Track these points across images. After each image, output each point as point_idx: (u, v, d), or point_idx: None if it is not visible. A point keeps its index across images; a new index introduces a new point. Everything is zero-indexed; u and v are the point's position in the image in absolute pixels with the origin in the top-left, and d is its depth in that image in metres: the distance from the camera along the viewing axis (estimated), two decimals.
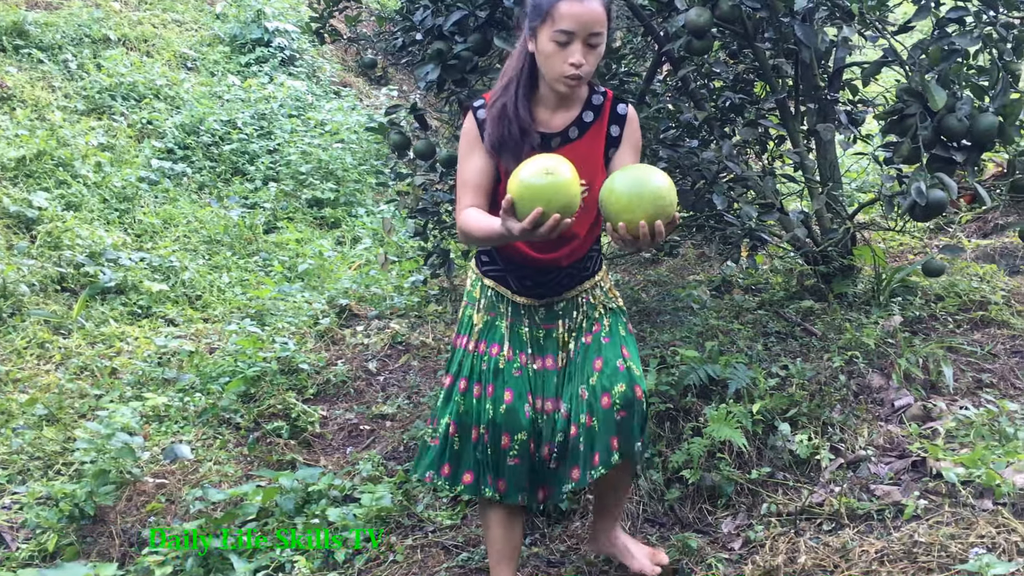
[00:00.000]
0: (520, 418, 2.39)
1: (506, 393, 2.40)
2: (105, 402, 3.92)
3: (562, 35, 2.16)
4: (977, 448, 2.82)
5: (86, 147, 6.50)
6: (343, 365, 4.51)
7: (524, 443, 2.39)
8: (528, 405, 2.40)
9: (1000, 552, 2.30)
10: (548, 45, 2.19)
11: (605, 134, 2.41)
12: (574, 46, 2.18)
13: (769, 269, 5.18)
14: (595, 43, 2.20)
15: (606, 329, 2.46)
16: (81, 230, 5.53)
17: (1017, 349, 3.77)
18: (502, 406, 2.39)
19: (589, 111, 2.40)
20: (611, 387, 2.32)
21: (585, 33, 2.17)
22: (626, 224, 1.99)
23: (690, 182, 4.02)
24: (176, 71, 8.28)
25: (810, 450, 3.12)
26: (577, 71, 2.20)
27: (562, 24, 2.15)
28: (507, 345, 2.45)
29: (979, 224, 5.61)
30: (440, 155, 4.15)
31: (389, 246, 6.40)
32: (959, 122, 3.02)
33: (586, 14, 2.16)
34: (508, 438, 2.39)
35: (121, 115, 7.32)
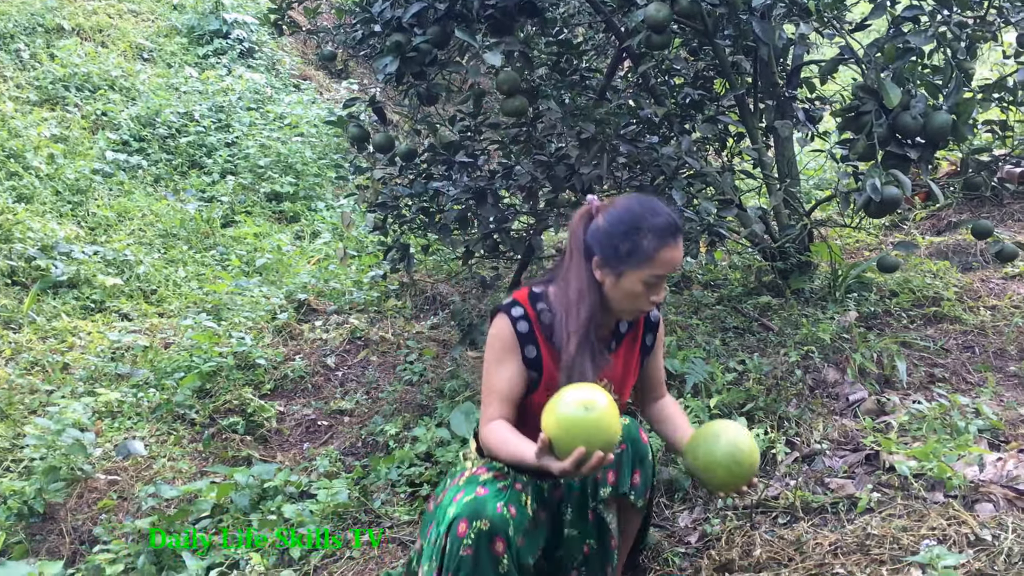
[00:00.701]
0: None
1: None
2: (56, 398, 3.84)
3: (655, 279, 2.10)
4: (929, 441, 2.86)
5: (38, 138, 6.37)
6: (301, 360, 4.46)
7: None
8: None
9: (951, 544, 2.34)
10: (638, 286, 2.10)
11: (640, 344, 2.37)
12: (661, 285, 2.14)
13: (728, 265, 5.21)
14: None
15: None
16: (32, 223, 5.41)
17: (969, 344, 3.83)
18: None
19: (624, 321, 2.34)
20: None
21: (671, 272, 2.14)
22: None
23: (650, 178, 4.04)
24: (132, 62, 8.14)
25: (766, 444, 3.15)
26: (655, 307, 2.17)
27: (661, 269, 2.09)
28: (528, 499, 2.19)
29: (933, 222, 5.70)
30: (399, 149, 4.12)
31: (348, 240, 6.35)
32: (913, 120, 3.05)
33: (679, 256, 2.12)
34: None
35: (75, 106, 7.18)
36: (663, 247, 2.07)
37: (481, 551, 1.96)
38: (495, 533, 1.97)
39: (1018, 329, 3.86)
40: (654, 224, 2.08)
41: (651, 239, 2.07)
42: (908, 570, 2.25)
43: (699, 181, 3.94)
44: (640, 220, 2.09)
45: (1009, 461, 2.71)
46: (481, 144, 4.30)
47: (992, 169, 3.97)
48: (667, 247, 2.07)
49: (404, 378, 4.24)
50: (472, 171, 4.24)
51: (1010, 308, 4.12)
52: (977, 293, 4.36)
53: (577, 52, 4.35)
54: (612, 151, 3.78)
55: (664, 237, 2.07)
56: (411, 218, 4.55)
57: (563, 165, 3.93)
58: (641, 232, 2.08)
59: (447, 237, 4.25)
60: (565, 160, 3.93)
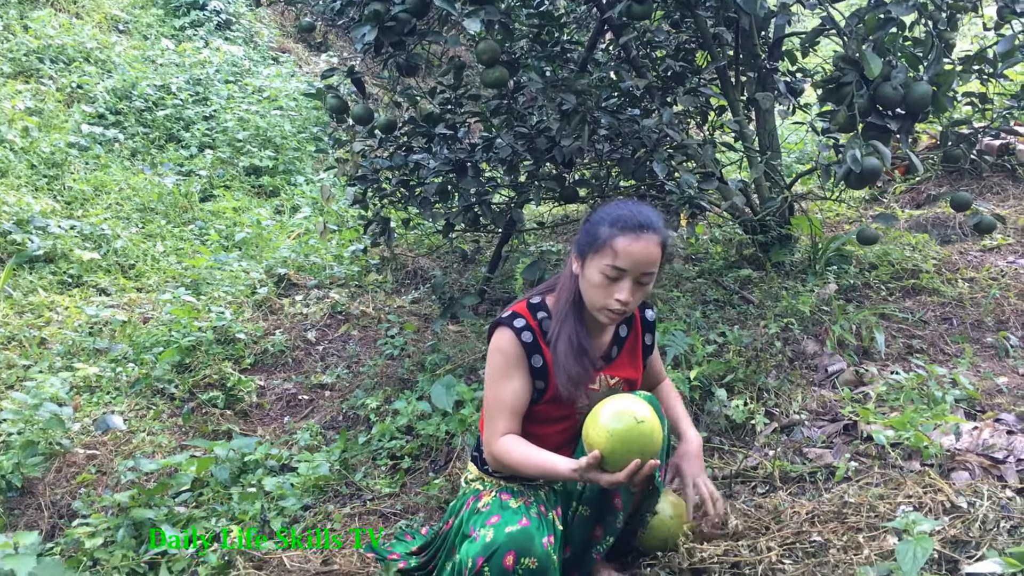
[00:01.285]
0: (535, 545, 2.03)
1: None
2: (33, 372, 3.80)
3: (613, 270, 2.07)
4: (906, 411, 2.88)
5: (12, 111, 6.28)
6: (281, 335, 4.44)
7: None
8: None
9: (927, 511, 2.36)
10: (596, 276, 2.11)
11: (641, 345, 2.38)
12: (624, 283, 2.08)
13: (709, 239, 5.22)
14: (645, 282, 2.12)
15: None
16: (7, 196, 5.34)
17: (947, 316, 3.86)
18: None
19: (623, 325, 2.36)
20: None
21: (637, 272, 2.08)
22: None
23: (631, 150, 4.02)
24: (107, 34, 8.03)
25: (746, 415, 3.17)
26: (622, 307, 2.10)
27: (617, 261, 2.07)
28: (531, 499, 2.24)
29: (912, 195, 5.72)
30: (379, 121, 4.09)
31: (328, 215, 6.31)
32: (894, 90, 3.05)
33: (642, 253, 2.07)
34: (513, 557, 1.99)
35: (49, 78, 7.08)
36: (619, 236, 2.07)
37: None
38: (543, 572, 1.96)
39: (995, 301, 3.89)
40: (617, 215, 2.11)
41: (609, 228, 2.09)
42: (884, 537, 2.27)
43: (680, 153, 3.93)
44: (608, 213, 2.13)
45: (985, 430, 2.74)
46: (462, 116, 4.27)
47: (971, 141, 3.98)
48: (624, 237, 2.06)
49: (385, 352, 4.23)
50: (452, 143, 4.21)
51: (987, 280, 4.15)
52: (955, 265, 4.39)
53: (558, 24, 4.32)
54: (593, 123, 3.76)
55: (623, 228, 2.08)
56: (391, 191, 4.52)
57: (544, 137, 3.91)
58: (603, 222, 2.12)
59: (427, 210, 4.23)
60: (546, 133, 3.91)
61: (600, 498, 2.22)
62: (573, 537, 2.25)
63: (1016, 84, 4.90)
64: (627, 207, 2.13)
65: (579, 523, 2.24)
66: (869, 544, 2.25)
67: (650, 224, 2.09)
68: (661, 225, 2.12)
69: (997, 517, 2.26)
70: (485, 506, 2.20)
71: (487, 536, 1.99)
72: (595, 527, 2.24)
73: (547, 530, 2.07)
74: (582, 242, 2.16)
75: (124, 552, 2.71)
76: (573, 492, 2.26)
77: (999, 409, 2.98)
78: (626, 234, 2.06)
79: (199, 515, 2.94)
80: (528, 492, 2.26)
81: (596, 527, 2.24)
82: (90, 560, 2.68)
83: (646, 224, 2.08)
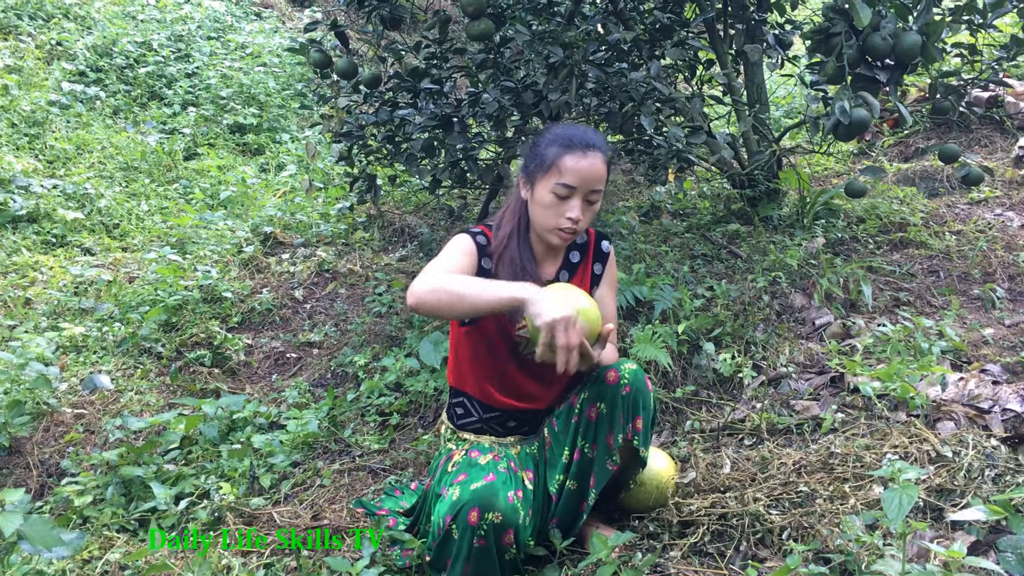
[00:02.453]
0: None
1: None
2: (19, 332, 3.78)
3: (563, 188, 2.14)
4: (893, 363, 2.89)
5: None
6: (268, 293, 4.42)
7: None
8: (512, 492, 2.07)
9: (912, 460, 2.38)
10: (547, 196, 2.17)
11: (590, 274, 2.41)
12: (573, 201, 2.16)
13: (697, 194, 5.20)
14: (594, 200, 2.18)
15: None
16: None
17: (934, 268, 3.87)
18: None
19: (576, 251, 2.40)
20: (618, 367, 2.20)
21: (586, 189, 2.15)
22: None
23: (618, 104, 3.99)
24: None
25: (733, 368, 3.18)
26: (573, 226, 2.17)
27: (565, 178, 2.13)
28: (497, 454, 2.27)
29: (900, 148, 5.71)
30: (363, 76, 4.03)
31: (314, 172, 6.25)
32: (883, 41, 3.02)
33: (590, 170, 2.14)
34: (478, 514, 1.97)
35: (28, 35, 6.96)
36: (565, 154, 2.14)
37: (494, 543, 1.97)
38: (507, 526, 1.97)
39: (982, 253, 3.90)
40: (563, 135, 2.18)
41: (555, 147, 2.16)
42: (871, 486, 2.29)
43: (668, 107, 3.90)
44: (553, 134, 2.20)
45: (971, 381, 2.76)
46: (447, 71, 4.22)
47: (960, 93, 3.95)
48: (570, 155, 2.14)
49: (373, 310, 4.21)
50: (438, 99, 4.16)
51: (975, 233, 4.15)
52: (943, 218, 4.39)
53: None
54: (580, 77, 3.72)
55: (568, 146, 2.15)
56: (377, 148, 4.48)
57: (531, 92, 3.87)
58: (550, 143, 2.19)
59: (414, 167, 4.19)
60: (533, 87, 3.87)
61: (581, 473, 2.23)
62: (561, 511, 2.26)
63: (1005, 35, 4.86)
64: (570, 128, 2.21)
65: (567, 496, 2.25)
66: (855, 493, 2.27)
67: (595, 142, 2.18)
68: (604, 144, 2.20)
69: (982, 466, 2.28)
70: (454, 465, 2.23)
71: (454, 495, 2.00)
72: (580, 502, 2.25)
73: (513, 485, 2.09)
74: (529, 166, 2.23)
75: (114, 510, 2.71)
76: (560, 465, 2.26)
77: (985, 360, 2.99)
78: (573, 152, 2.14)
79: (188, 473, 2.94)
80: (499, 449, 2.30)
81: (581, 502, 2.25)
82: (80, 518, 2.69)
83: (591, 142, 2.16)
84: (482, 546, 1.96)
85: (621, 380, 2.16)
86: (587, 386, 2.21)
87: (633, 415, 2.16)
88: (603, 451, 2.18)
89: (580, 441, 2.21)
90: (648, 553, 2.22)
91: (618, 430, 2.16)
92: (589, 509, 2.23)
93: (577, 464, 2.22)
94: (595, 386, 2.19)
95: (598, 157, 2.15)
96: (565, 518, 2.25)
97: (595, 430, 2.18)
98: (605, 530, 2.35)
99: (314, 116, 7.34)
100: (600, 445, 2.18)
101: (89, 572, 2.38)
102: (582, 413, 2.20)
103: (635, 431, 2.17)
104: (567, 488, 2.24)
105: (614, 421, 2.16)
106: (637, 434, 2.17)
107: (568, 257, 2.39)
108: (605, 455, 2.18)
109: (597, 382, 2.19)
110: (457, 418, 2.44)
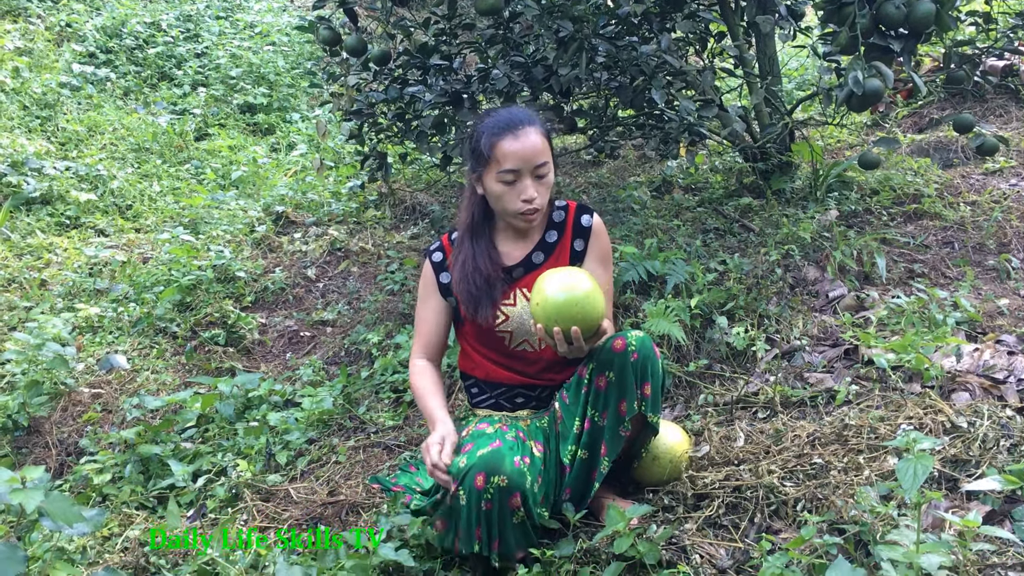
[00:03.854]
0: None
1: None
2: (35, 314, 3.81)
3: (509, 175, 2.16)
4: (907, 334, 2.88)
5: (2, 51, 6.19)
6: (281, 272, 4.44)
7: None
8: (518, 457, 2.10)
9: (927, 431, 2.37)
10: (496, 186, 2.19)
11: (569, 250, 2.36)
12: (523, 182, 2.18)
13: (709, 169, 5.18)
14: (542, 174, 2.18)
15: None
16: (1, 138, 5.29)
17: (948, 240, 3.84)
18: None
19: (553, 230, 2.37)
20: (625, 335, 2.19)
21: (530, 167, 2.17)
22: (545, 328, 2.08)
23: (629, 78, 3.96)
24: None
25: (746, 342, 3.17)
26: (532, 205, 2.19)
27: (506, 164, 2.15)
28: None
29: (914, 119, 5.66)
30: (372, 53, 4.02)
31: (325, 151, 6.25)
32: (897, 9, 2.99)
33: (527, 149, 2.15)
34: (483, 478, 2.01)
35: (38, 17, 6.96)
36: (499, 141, 2.16)
37: (501, 506, 2.00)
38: (513, 489, 1.99)
39: (997, 224, 3.87)
40: (490, 124, 2.20)
41: (487, 138, 2.19)
42: (885, 458, 2.29)
43: (679, 80, 3.87)
44: (483, 126, 2.22)
45: (986, 351, 2.75)
46: (457, 47, 4.20)
47: (975, 63, 3.91)
48: (503, 140, 2.15)
49: (385, 288, 4.22)
50: (448, 75, 4.15)
51: (989, 203, 4.12)
52: (957, 189, 4.36)
53: None
54: (590, 51, 3.70)
55: (499, 133, 2.17)
56: (387, 126, 4.47)
57: (541, 67, 3.85)
58: (478, 135, 2.22)
59: (424, 144, 4.18)
60: (543, 62, 3.85)
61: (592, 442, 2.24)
62: (572, 480, 2.27)
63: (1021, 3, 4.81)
64: (497, 114, 2.23)
65: (579, 466, 2.26)
66: (870, 465, 2.27)
67: (524, 119, 2.19)
68: (535, 116, 2.22)
69: (997, 436, 2.28)
70: (463, 437, 2.25)
71: (460, 462, 2.03)
72: (592, 471, 2.26)
73: (520, 452, 2.11)
74: (471, 163, 2.26)
75: (132, 487, 2.74)
76: (571, 436, 2.27)
77: (1000, 331, 2.98)
78: (504, 137, 2.16)
79: (205, 450, 2.97)
80: (508, 420, 2.34)
81: (592, 471, 2.26)
82: (99, 496, 2.72)
83: (519, 120, 2.18)
84: (488, 509, 1.99)
85: (628, 347, 2.16)
86: (594, 356, 2.22)
87: (642, 381, 2.17)
88: (614, 419, 2.18)
89: (590, 411, 2.21)
90: (664, 526, 2.23)
91: (632, 396, 2.16)
92: (601, 477, 2.23)
93: (588, 433, 2.23)
94: (602, 355, 2.19)
95: (532, 132, 2.17)
96: (577, 487, 2.27)
97: (605, 398, 2.18)
98: (621, 503, 2.35)
99: (324, 95, 7.33)
100: (611, 413, 2.18)
101: (109, 549, 2.41)
102: (591, 383, 2.21)
103: (644, 398, 2.18)
104: (579, 458, 2.25)
105: (624, 388, 2.16)
106: (646, 400, 2.18)
107: (544, 237, 2.36)
108: (617, 422, 2.18)
109: (604, 351, 2.19)
110: (472, 397, 2.48)
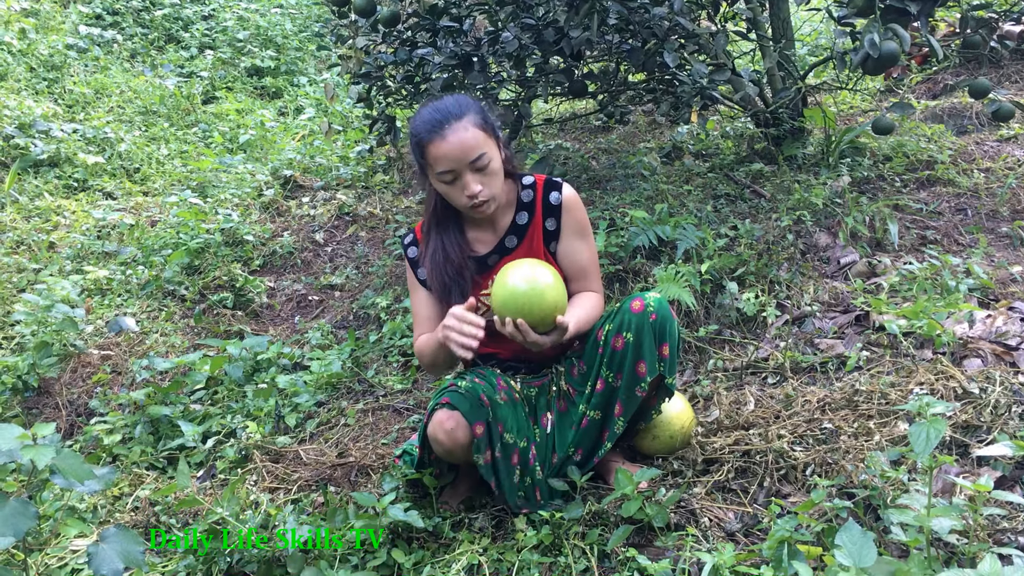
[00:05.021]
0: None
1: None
2: (44, 276, 3.81)
3: (446, 175, 2.10)
4: (919, 301, 2.86)
5: (8, 12, 6.15)
6: (289, 236, 4.43)
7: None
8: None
9: (939, 396, 2.36)
10: (440, 186, 2.15)
11: (541, 231, 2.30)
12: (462, 180, 2.11)
13: (720, 134, 5.13)
14: (482, 165, 2.11)
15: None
16: (8, 100, 5.27)
17: (961, 206, 3.81)
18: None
19: (523, 211, 2.30)
20: (643, 296, 2.18)
21: (465, 163, 2.08)
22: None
23: (641, 41, 3.91)
24: None
25: (757, 307, 3.15)
26: (478, 199, 2.12)
27: (439, 167, 2.09)
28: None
29: (929, 85, 5.59)
30: (381, 14, 3.97)
31: (333, 115, 6.21)
32: None
33: (456, 148, 2.06)
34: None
35: None
36: (428, 145, 2.09)
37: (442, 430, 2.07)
38: (473, 421, 2.05)
39: (1011, 191, 3.83)
40: (417, 127, 2.13)
41: (416, 143, 2.13)
42: (896, 423, 2.28)
43: (691, 43, 3.82)
44: (413, 129, 2.16)
45: (998, 318, 2.73)
46: (467, 9, 4.15)
47: (992, 27, 3.85)
48: (431, 144, 2.08)
49: (394, 252, 4.21)
50: (458, 37, 4.10)
51: (1004, 170, 4.07)
52: (971, 156, 4.31)
53: None
54: (602, 13, 3.65)
55: (427, 135, 2.09)
56: (396, 89, 4.43)
57: (551, 29, 3.80)
58: (412, 141, 2.16)
59: None
60: (554, 24, 3.80)
61: (605, 403, 2.24)
62: (581, 438, 2.27)
63: None
64: (424, 114, 2.13)
65: (589, 425, 2.26)
66: (880, 430, 2.27)
67: (451, 113, 2.10)
68: (463, 105, 2.12)
69: (1009, 402, 2.26)
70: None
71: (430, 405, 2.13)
72: (603, 431, 2.26)
73: (495, 392, 2.13)
74: (415, 164, 2.22)
75: (143, 448, 2.76)
76: (580, 398, 2.27)
77: (1013, 298, 2.96)
78: (432, 139, 2.08)
79: (215, 412, 2.98)
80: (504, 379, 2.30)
81: (604, 431, 2.26)
82: (109, 456, 2.73)
83: (444, 117, 2.09)
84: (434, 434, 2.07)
85: (647, 308, 2.15)
86: (611, 318, 2.21)
87: (660, 342, 2.16)
88: (630, 378, 2.17)
89: (604, 371, 2.20)
90: (672, 489, 2.23)
91: (651, 357, 2.15)
92: (613, 438, 2.23)
93: (600, 394, 2.22)
94: (619, 316, 2.19)
95: (461, 127, 2.07)
96: (586, 446, 2.27)
97: (621, 359, 2.17)
98: (630, 467, 2.36)
99: (332, 57, 7.27)
100: (626, 373, 2.17)
101: (120, 508, 2.42)
102: (607, 344, 2.19)
103: (662, 359, 2.17)
104: (590, 418, 2.25)
105: (642, 349, 2.15)
106: (664, 361, 2.17)
107: (515, 220, 2.30)
108: (633, 382, 2.18)
109: (621, 312, 2.18)
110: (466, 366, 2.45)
